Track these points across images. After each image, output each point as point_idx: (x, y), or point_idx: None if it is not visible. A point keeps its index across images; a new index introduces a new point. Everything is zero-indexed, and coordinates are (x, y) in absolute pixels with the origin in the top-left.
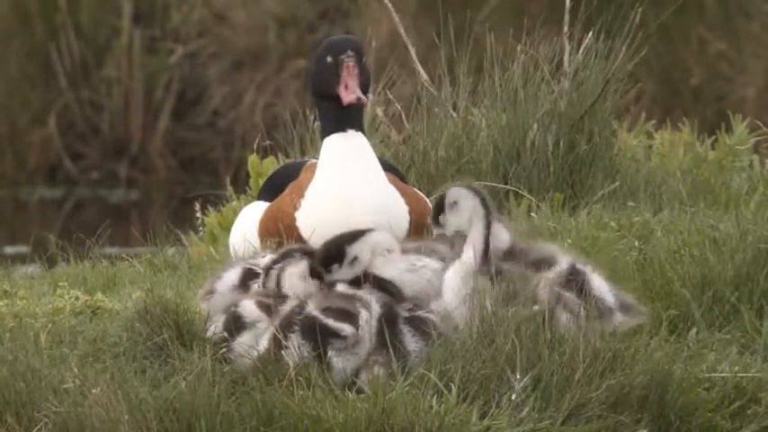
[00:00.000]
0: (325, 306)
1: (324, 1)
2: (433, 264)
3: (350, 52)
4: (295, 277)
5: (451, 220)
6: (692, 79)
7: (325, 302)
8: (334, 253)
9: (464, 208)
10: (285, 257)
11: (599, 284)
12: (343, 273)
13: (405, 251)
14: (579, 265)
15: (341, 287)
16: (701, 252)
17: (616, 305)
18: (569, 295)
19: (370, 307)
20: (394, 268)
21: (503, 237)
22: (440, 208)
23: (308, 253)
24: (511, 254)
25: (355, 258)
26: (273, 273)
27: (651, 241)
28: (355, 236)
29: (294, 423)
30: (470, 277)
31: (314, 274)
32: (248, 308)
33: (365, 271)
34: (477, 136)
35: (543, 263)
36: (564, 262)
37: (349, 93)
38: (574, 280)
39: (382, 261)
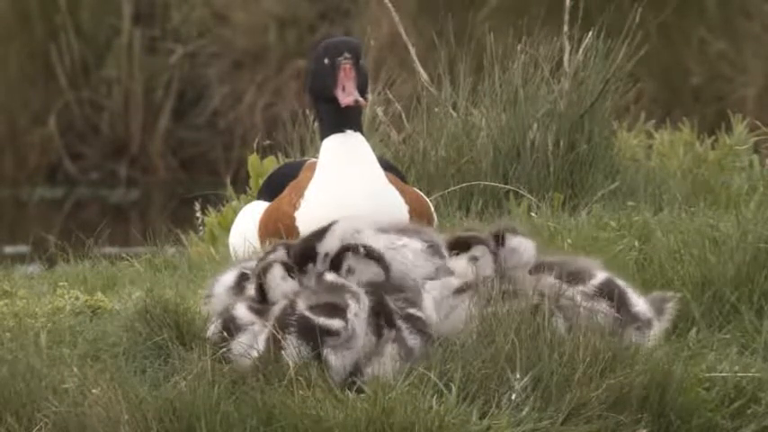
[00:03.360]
0: (314, 303)
1: (324, 1)
2: (414, 243)
3: (347, 54)
4: (277, 280)
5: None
6: (692, 79)
7: (314, 299)
8: (306, 254)
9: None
10: (268, 255)
11: (635, 299)
12: (318, 269)
13: (384, 231)
14: (617, 281)
15: (329, 276)
16: (700, 252)
17: (654, 314)
18: (568, 293)
19: (359, 298)
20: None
21: (526, 251)
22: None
23: (290, 248)
24: (539, 267)
25: (326, 254)
26: (254, 280)
27: (651, 241)
28: (322, 233)
29: (294, 423)
30: (452, 299)
31: (291, 271)
32: (241, 311)
33: (350, 245)
34: (478, 136)
35: (579, 276)
36: (600, 276)
37: (347, 95)
38: (610, 294)
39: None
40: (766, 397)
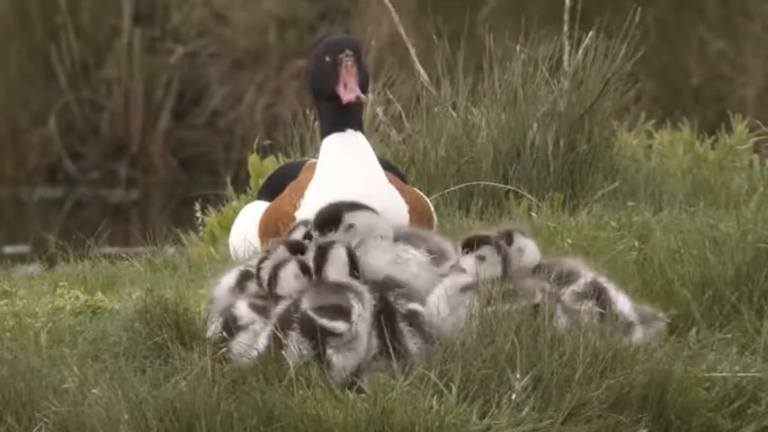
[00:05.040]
0: (318, 305)
1: (324, 1)
2: (420, 256)
3: (348, 51)
4: (290, 277)
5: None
6: (692, 79)
7: (319, 300)
8: (331, 218)
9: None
10: (273, 252)
11: (620, 300)
12: (337, 237)
13: (396, 237)
14: (601, 281)
15: (333, 275)
16: (700, 252)
17: (637, 319)
18: (568, 293)
19: (363, 298)
20: (380, 258)
21: (532, 253)
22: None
23: (294, 248)
24: (537, 270)
25: (351, 226)
26: (265, 272)
27: (651, 241)
28: (355, 206)
29: (294, 423)
30: (459, 295)
31: (305, 270)
32: (242, 310)
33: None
34: (477, 136)
35: (565, 277)
36: (587, 276)
37: (348, 92)
38: (595, 294)
39: (369, 247)
40: (766, 397)
